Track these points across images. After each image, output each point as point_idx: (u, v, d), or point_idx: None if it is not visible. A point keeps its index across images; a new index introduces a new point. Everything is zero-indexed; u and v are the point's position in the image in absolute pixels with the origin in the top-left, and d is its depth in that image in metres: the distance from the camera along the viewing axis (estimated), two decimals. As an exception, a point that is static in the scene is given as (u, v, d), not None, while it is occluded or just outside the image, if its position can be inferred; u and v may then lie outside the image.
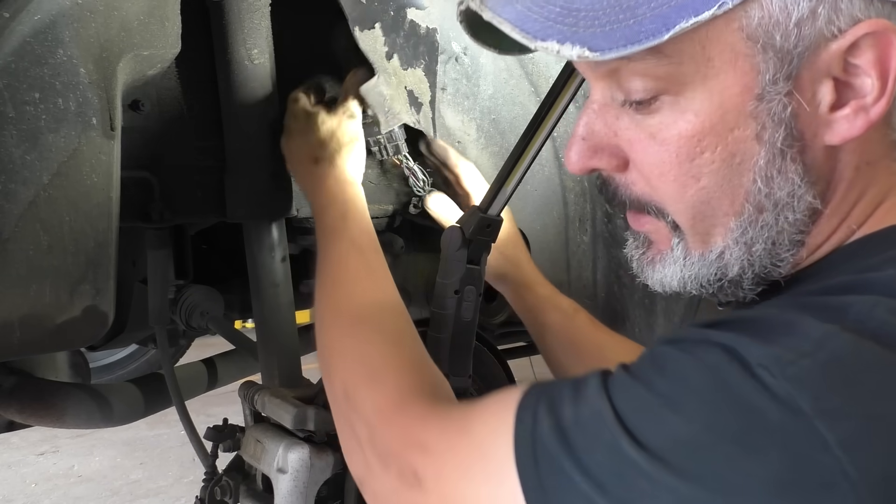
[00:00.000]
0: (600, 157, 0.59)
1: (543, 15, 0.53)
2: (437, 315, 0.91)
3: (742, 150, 0.53)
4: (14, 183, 0.70)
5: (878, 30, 0.49)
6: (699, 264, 0.58)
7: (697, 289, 0.59)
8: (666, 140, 0.55)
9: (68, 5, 0.71)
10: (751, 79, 0.52)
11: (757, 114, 0.52)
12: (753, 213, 0.55)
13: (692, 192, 0.56)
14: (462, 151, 1.28)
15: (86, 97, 0.74)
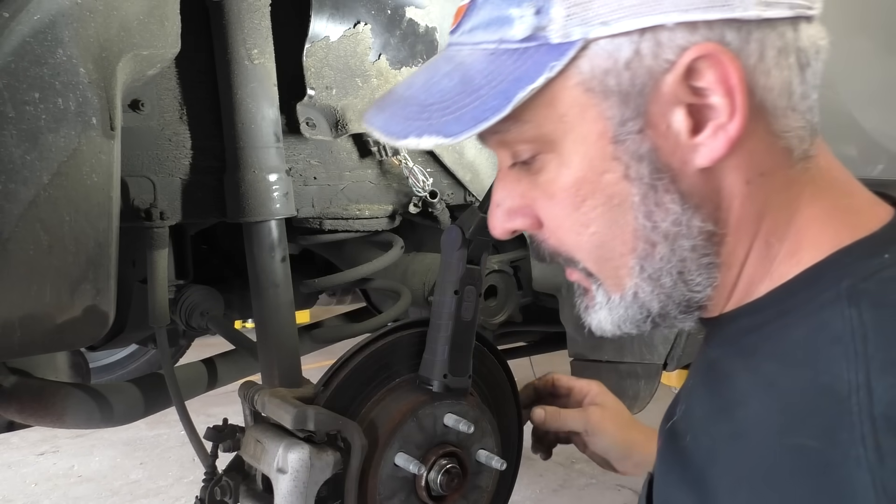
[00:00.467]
0: (515, 219, 0.63)
1: (404, 116, 0.59)
2: (437, 315, 0.91)
3: (617, 191, 0.56)
4: (14, 183, 0.70)
5: (708, 52, 0.51)
6: (622, 306, 0.60)
7: (633, 329, 0.62)
8: (554, 194, 0.58)
9: (68, 5, 0.71)
10: (602, 125, 0.54)
11: (619, 155, 0.54)
12: (647, 248, 0.57)
13: (586, 238, 0.59)
14: (460, 151, 1.28)
15: (86, 97, 0.74)
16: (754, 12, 0.51)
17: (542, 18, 0.53)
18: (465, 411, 0.92)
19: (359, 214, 1.22)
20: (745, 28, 0.51)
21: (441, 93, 0.58)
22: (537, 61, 0.53)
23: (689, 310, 0.60)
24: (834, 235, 0.55)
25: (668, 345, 1.42)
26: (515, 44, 0.54)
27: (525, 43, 0.54)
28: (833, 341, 0.49)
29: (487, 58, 0.56)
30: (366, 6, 1.09)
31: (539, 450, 1.04)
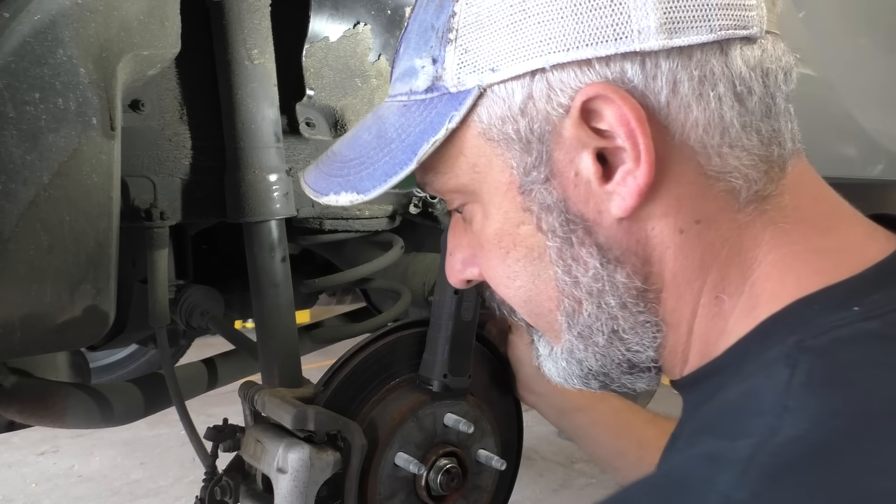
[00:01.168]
0: (465, 269, 0.62)
1: (327, 172, 0.58)
2: (437, 315, 0.91)
3: (534, 244, 0.53)
4: (14, 183, 0.70)
5: (598, 93, 0.46)
6: (562, 358, 0.57)
7: (581, 385, 0.59)
8: (482, 245, 0.57)
9: (68, 5, 0.71)
10: (508, 175, 0.52)
11: (528, 206, 0.52)
12: (572, 304, 0.53)
13: (513, 292, 0.57)
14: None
15: (86, 97, 0.74)
16: (657, 42, 0.45)
17: (438, 68, 0.51)
18: (465, 411, 0.92)
19: (359, 214, 1.22)
20: (649, 61, 0.46)
21: (360, 147, 0.57)
22: (439, 112, 0.51)
23: (634, 370, 0.55)
24: (796, 284, 0.47)
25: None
26: (421, 94, 0.53)
27: (429, 94, 0.52)
28: (755, 412, 0.41)
29: (400, 110, 0.55)
30: (366, 6, 1.09)
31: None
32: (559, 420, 0.99)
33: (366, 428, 0.86)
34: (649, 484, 0.44)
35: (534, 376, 0.98)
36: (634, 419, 0.98)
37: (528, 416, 1.07)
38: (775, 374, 0.42)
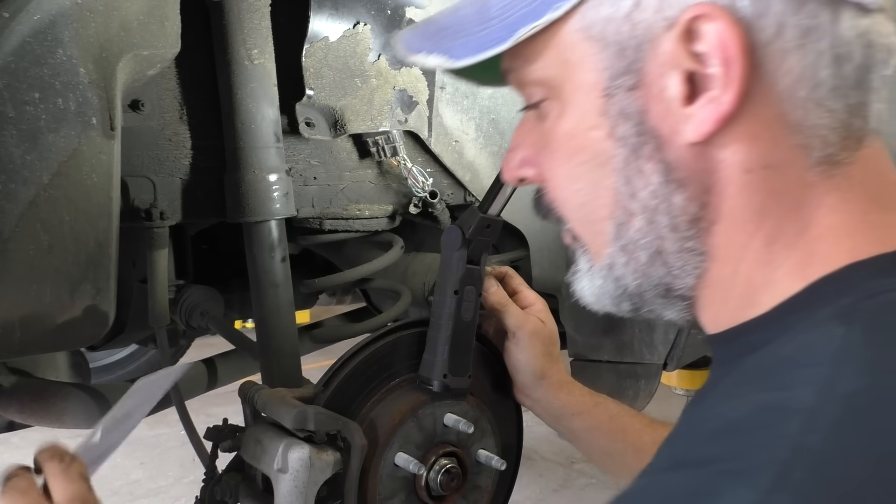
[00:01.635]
0: (524, 168, 0.63)
1: (422, 35, 0.59)
2: (437, 315, 0.91)
3: (603, 149, 0.53)
4: (14, 183, 0.70)
5: (707, 13, 0.46)
6: (599, 275, 0.58)
7: (611, 304, 0.59)
8: (551, 143, 0.57)
9: (68, 5, 0.71)
10: (596, 76, 0.52)
11: (607, 111, 0.52)
12: (624, 216, 0.53)
13: (571, 194, 0.57)
14: (460, 151, 1.28)
15: (86, 97, 0.74)
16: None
17: None
18: (465, 411, 0.92)
19: (359, 214, 1.22)
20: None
21: (460, 18, 0.57)
22: (545, 0, 0.52)
23: (669, 296, 0.55)
24: (851, 249, 0.48)
25: (668, 345, 1.42)
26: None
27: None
28: (809, 363, 0.43)
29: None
30: (365, 6, 1.09)
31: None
32: (555, 424, 0.99)
33: (366, 428, 0.86)
34: (704, 432, 0.45)
35: (529, 383, 0.98)
36: (630, 424, 0.98)
37: (528, 416, 1.07)
38: (830, 331, 0.44)
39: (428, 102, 1.19)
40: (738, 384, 0.47)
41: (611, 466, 0.98)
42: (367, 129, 1.14)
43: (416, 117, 1.19)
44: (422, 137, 1.21)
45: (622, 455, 0.95)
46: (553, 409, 0.98)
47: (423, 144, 1.23)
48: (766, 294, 0.51)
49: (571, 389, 0.99)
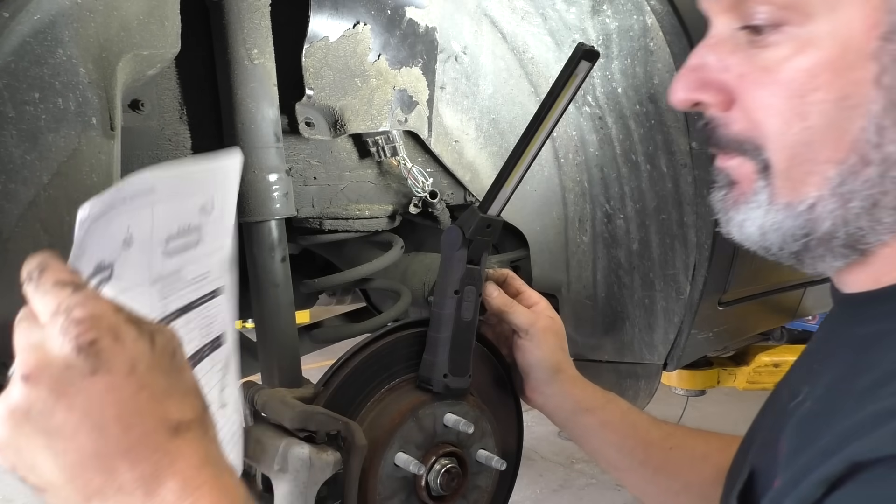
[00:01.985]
0: (707, 90, 0.58)
1: None
2: (437, 315, 0.91)
3: (857, 92, 0.50)
4: (14, 183, 0.70)
5: None
6: (784, 213, 0.55)
7: (779, 242, 0.56)
8: (779, 74, 0.53)
9: (68, 5, 0.71)
10: (879, 16, 0.49)
11: (879, 55, 0.49)
12: (857, 164, 0.51)
13: (796, 130, 0.53)
14: (460, 151, 1.28)
15: (85, 97, 0.74)
16: None
17: None
18: (465, 411, 0.92)
19: (359, 214, 1.22)
20: None
21: None
22: None
23: (851, 248, 0.54)
24: None
25: (668, 345, 1.42)
26: None
27: None
28: None
29: None
30: (365, 6, 1.09)
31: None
32: (567, 421, 0.99)
33: (366, 428, 0.86)
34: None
35: (545, 378, 0.98)
36: (639, 421, 0.98)
37: (528, 416, 1.07)
38: None
39: (428, 102, 1.19)
40: None
41: (620, 462, 0.98)
42: (366, 129, 1.14)
43: (416, 117, 1.19)
44: (422, 137, 1.21)
45: (632, 451, 0.96)
46: (567, 404, 0.98)
47: (423, 144, 1.23)
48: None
49: (584, 385, 1.00)
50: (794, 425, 0.57)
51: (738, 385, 2.58)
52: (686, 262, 1.34)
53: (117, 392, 0.46)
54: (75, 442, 0.46)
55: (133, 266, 0.59)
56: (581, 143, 1.32)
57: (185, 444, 0.49)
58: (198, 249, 0.68)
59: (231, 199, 0.71)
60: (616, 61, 1.25)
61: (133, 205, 0.56)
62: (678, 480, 0.93)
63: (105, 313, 0.47)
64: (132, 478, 0.47)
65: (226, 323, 0.78)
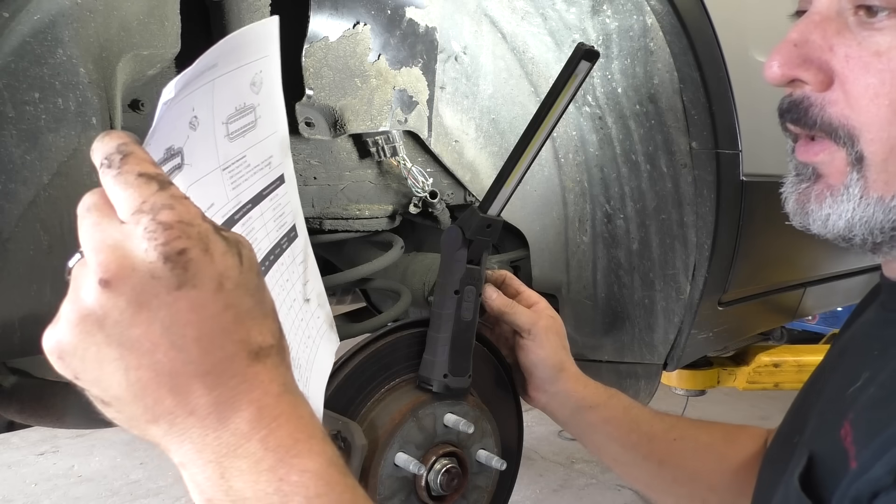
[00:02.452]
0: (807, 68, 0.56)
1: None
2: (437, 315, 0.91)
3: None
4: (14, 183, 0.70)
5: None
6: (876, 207, 0.55)
7: (864, 234, 0.56)
8: (892, 60, 0.52)
9: (68, 5, 0.71)
10: None
11: None
12: None
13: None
14: (460, 151, 1.28)
15: (85, 97, 0.74)
16: None
17: None
18: (465, 411, 0.92)
19: (359, 214, 1.21)
20: None
21: None
22: None
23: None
24: None
25: (667, 345, 1.42)
26: None
27: None
28: None
29: None
30: (365, 6, 1.09)
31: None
32: (571, 418, 0.99)
33: (366, 428, 0.86)
34: None
35: (549, 377, 0.98)
36: (642, 415, 0.98)
37: (528, 416, 1.07)
38: None
39: (428, 102, 1.19)
40: None
41: (624, 457, 0.98)
42: (366, 129, 1.14)
43: (416, 117, 1.19)
44: (422, 137, 1.21)
45: (636, 445, 0.96)
46: (571, 402, 0.98)
47: (423, 144, 1.23)
48: None
49: (586, 383, 1.00)
50: (860, 410, 0.57)
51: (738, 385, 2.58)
52: (686, 262, 1.34)
53: (202, 310, 0.42)
54: (151, 358, 0.42)
55: (202, 150, 0.54)
56: (581, 143, 1.32)
57: (264, 371, 0.45)
58: (257, 131, 0.63)
59: (277, 73, 0.65)
60: (616, 61, 1.25)
61: (197, 84, 0.52)
62: (684, 472, 0.93)
63: (195, 220, 0.43)
64: (207, 402, 0.43)
65: (296, 212, 0.74)
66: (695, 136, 1.26)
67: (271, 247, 0.68)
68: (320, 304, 0.82)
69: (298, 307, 0.75)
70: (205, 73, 0.52)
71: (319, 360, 0.80)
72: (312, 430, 0.47)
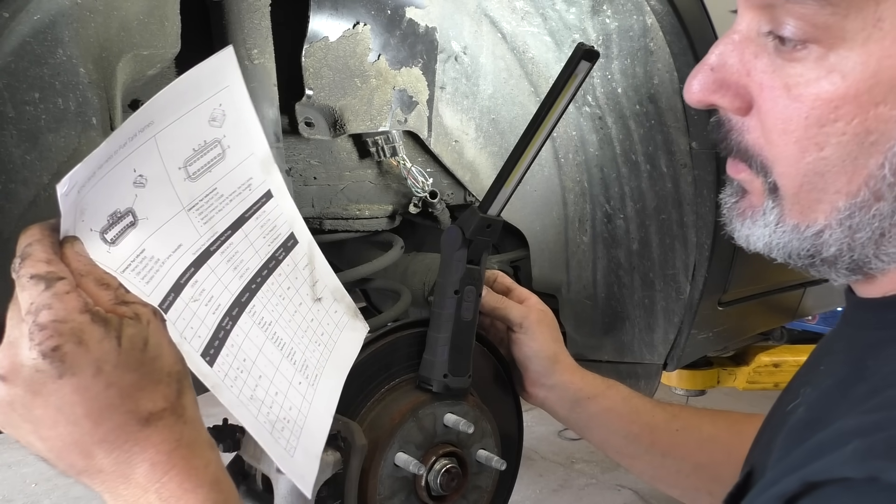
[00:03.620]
0: (723, 94, 0.55)
1: None
2: (437, 315, 0.91)
3: (880, 129, 0.48)
4: (14, 183, 0.70)
5: None
6: (791, 235, 0.54)
7: (784, 258, 0.56)
8: (801, 96, 0.50)
9: (68, 5, 0.71)
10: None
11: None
12: (869, 198, 0.50)
13: (809, 159, 0.51)
14: (460, 151, 1.28)
15: (85, 97, 0.74)
16: None
17: None
18: (465, 411, 0.92)
19: (359, 214, 1.22)
20: None
21: None
22: None
23: (856, 271, 0.54)
24: None
25: (667, 345, 1.42)
26: None
27: None
28: None
29: None
30: (365, 6, 1.09)
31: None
32: (570, 412, 0.99)
33: (366, 428, 0.86)
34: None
35: (544, 370, 0.98)
36: (642, 405, 0.98)
37: (528, 416, 1.07)
38: None
39: (428, 102, 1.19)
40: None
41: (627, 448, 0.98)
42: (366, 129, 1.14)
43: (416, 117, 1.19)
44: (421, 137, 1.21)
45: (638, 436, 0.96)
46: (569, 394, 0.98)
47: (422, 144, 1.23)
48: None
49: (583, 373, 1.00)
50: (788, 430, 0.57)
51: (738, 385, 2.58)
52: (686, 262, 1.34)
53: (86, 392, 0.50)
54: (55, 431, 0.50)
55: (158, 201, 0.59)
56: (581, 143, 1.32)
57: (155, 433, 0.53)
58: (226, 162, 0.66)
59: (242, 100, 0.68)
60: (616, 61, 1.25)
61: (133, 146, 0.56)
62: (687, 463, 0.93)
63: (69, 316, 0.49)
64: (109, 463, 0.52)
65: (292, 221, 0.77)
66: (695, 136, 1.26)
67: (264, 261, 0.71)
68: (337, 298, 0.82)
69: (307, 310, 0.76)
70: (137, 136, 0.56)
71: (339, 351, 0.81)
72: (202, 479, 0.55)
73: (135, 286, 0.57)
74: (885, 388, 0.47)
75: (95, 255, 0.55)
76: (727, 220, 0.61)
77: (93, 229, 0.55)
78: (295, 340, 0.74)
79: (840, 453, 0.43)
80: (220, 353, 0.64)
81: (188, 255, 0.62)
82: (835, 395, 0.54)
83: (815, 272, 0.56)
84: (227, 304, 0.66)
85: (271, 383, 0.69)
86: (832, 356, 0.60)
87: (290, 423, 0.69)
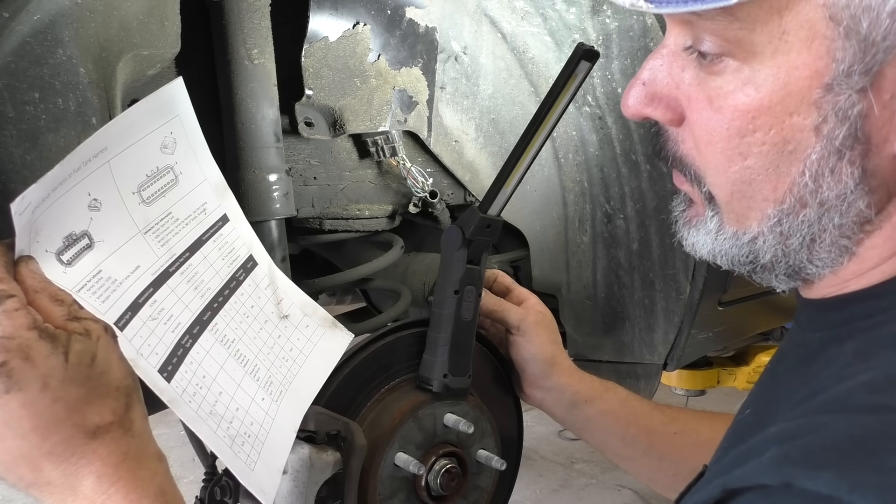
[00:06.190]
0: (656, 106, 0.57)
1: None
2: (437, 315, 0.91)
3: (796, 138, 0.49)
4: (14, 183, 0.70)
5: None
6: (731, 242, 0.56)
7: (728, 265, 0.57)
8: (721, 108, 0.52)
9: (68, 5, 0.71)
10: (823, 64, 0.47)
11: (821, 104, 0.48)
12: (794, 205, 0.51)
13: (735, 169, 0.53)
14: (460, 151, 1.28)
15: (85, 97, 0.74)
16: None
17: None
18: (465, 411, 0.92)
19: (359, 214, 1.22)
20: None
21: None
22: None
23: (794, 277, 0.55)
24: None
25: (667, 345, 1.42)
26: None
27: None
28: None
29: None
30: (365, 6, 1.09)
31: None
32: (568, 414, 0.99)
33: (366, 428, 0.86)
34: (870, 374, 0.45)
35: (541, 372, 0.98)
36: (640, 407, 0.98)
37: (528, 416, 1.07)
38: None
39: (427, 102, 1.19)
40: (873, 349, 0.48)
41: (624, 451, 0.98)
42: (366, 129, 1.14)
43: (416, 117, 1.19)
44: (421, 137, 1.21)
45: (636, 439, 0.96)
46: (566, 396, 0.98)
47: (422, 144, 1.23)
48: (882, 271, 0.52)
49: (581, 376, 1.00)
50: (731, 429, 0.59)
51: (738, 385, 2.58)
52: (686, 262, 1.34)
53: (32, 406, 0.51)
54: (3, 444, 0.51)
55: (114, 224, 0.61)
56: (581, 143, 1.32)
57: (102, 446, 0.54)
58: (180, 187, 0.69)
59: (192, 129, 0.71)
60: (616, 61, 1.25)
61: (87, 171, 0.58)
62: (685, 466, 0.93)
63: (17, 332, 0.50)
64: (57, 475, 0.53)
65: (251, 244, 0.79)
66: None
67: (224, 282, 0.74)
68: (307, 313, 0.83)
69: (273, 327, 0.78)
70: (91, 161, 0.58)
71: (312, 365, 0.83)
72: (147, 490, 0.56)
73: (90, 305, 0.59)
74: (817, 393, 0.48)
75: (51, 275, 0.56)
76: (677, 228, 0.62)
77: (48, 250, 0.57)
78: (260, 357, 0.75)
79: (758, 460, 0.44)
80: (178, 369, 0.66)
81: (147, 276, 0.65)
82: (775, 398, 0.55)
83: (758, 279, 0.58)
84: (188, 322, 0.68)
85: (232, 399, 0.70)
86: (784, 358, 0.61)
87: (251, 437, 0.70)
